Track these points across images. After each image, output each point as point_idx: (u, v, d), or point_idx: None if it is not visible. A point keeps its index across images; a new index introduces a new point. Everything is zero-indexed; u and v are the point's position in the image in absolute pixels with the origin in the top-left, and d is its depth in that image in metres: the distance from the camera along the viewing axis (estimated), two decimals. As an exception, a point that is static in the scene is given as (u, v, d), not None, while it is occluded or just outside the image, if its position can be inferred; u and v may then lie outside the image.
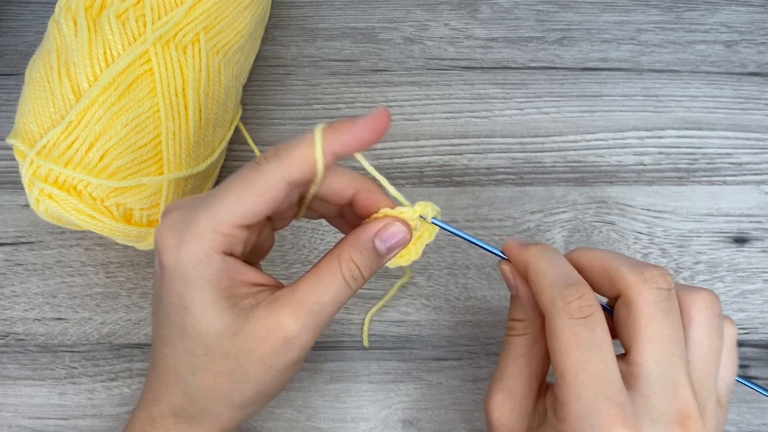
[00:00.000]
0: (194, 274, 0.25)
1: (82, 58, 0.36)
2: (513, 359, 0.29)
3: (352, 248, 0.27)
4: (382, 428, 0.39)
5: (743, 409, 0.39)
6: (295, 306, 0.26)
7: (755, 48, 0.51)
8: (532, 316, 0.29)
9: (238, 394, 0.27)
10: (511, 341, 0.29)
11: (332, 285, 0.26)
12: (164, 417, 0.28)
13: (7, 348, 0.41)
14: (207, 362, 0.26)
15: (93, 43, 0.36)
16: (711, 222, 0.44)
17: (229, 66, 0.41)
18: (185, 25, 0.38)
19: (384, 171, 0.46)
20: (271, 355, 0.26)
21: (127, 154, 0.36)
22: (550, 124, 0.48)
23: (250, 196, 0.25)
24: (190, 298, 0.25)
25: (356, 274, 0.27)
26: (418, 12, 0.52)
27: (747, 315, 0.42)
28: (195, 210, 0.26)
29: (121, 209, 0.37)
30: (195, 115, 0.38)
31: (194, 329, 0.26)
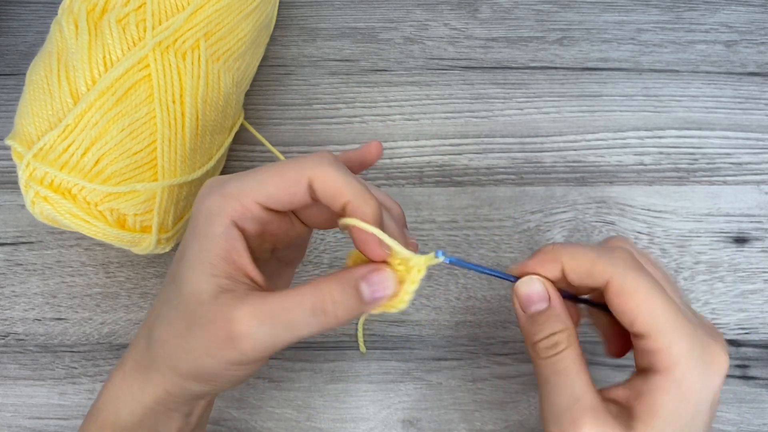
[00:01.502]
0: (201, 227, 0.26)
1: (82, 61, 0.36)
2: (576, 374, 0.27)
3: (335, 283, 0.26)
4: (382, 428, 0.39)
5: (743, 409, 0.39)
6: (254, 311, 0.25)
7: (755, 48, 0.51)
8: (568, 322, 0.28)
9: (180, 361, 0.27)
10: (562, 358, 0.27)
11: (298, 309, 0.25)
12: (128, 360, 0.29)
13: (7, 348, 0.41)
14: (173, 316, 0.27)
15: (93, 47, 0.36)
16: (711, 222, 0.44)
17: (230, 73, 0.41)
18: (185, 32, 0.38)
19: (384, 171, 0.46)
20: (212, 344, 0.25)
21: (122, 160, 0.36)
22: (550, 124, 0.48)
23: (276, 180, 0.27)
24: (189, 247, 0.27)
25: (328, 308, 0.26)
26: (418, 12, 0.52)
27: (747, 315, 0.42)
28: (232, 177, 0.28)
29: (115, 214, 0.37)
30: (192, 122, 0.38)
31: (179, 278, 0.27)
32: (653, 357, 0.26)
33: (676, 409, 0.26)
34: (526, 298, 0.29)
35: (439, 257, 0.26)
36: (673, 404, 0.26)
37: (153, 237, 0.38)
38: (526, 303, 0.29)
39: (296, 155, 0.47)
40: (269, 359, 0.40)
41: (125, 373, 0.29)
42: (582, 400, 0.26)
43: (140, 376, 0.28)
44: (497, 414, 0.39)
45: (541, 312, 0.28)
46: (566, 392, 0.27)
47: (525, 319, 0.29)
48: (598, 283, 0.27)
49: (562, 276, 0.29)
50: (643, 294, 0.27)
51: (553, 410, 0.27)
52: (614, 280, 0.27)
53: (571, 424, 0.26)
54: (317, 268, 0.43)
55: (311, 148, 0.47)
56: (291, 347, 0.41)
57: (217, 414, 0.39)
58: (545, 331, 0.28)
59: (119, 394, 0.29)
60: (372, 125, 0.48)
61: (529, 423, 0.39)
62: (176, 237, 0.41)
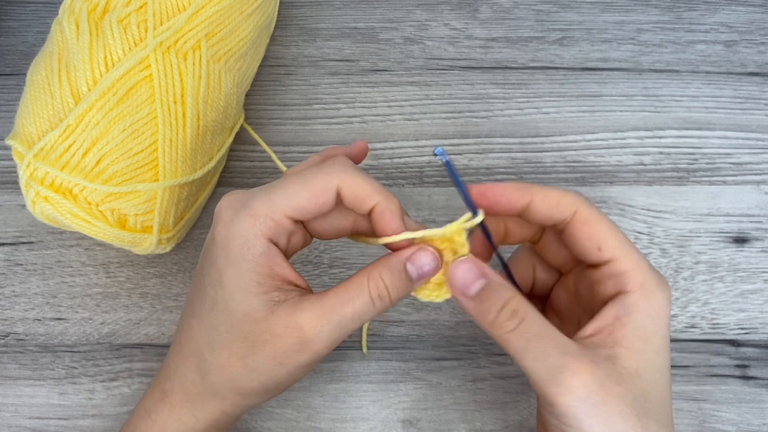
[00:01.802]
0: (237, 251, 0.27)
1: (83, 62, 0.36)
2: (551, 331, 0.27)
3: (384, 268, 0.28)
4: (382, 428, 0.39)
5: (743, 409, 0.39)
6: (317, 312, 0.27)
7: (755, 48, 0.51)
8: (514, 289, 0.28)
9: (246, 380, 0.28)
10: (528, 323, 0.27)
11: (357, 300, 0.27)
12: (174, 392, 0.29)
13: (7, 348, 0.41)
14: (226, 340, 0.27)
15: (94, 47, 0.36)
16: (711, 222, 0.44)
17: (231, 73, 0.41)
18: (187, 32, 0.38)
19: (384, 171, 0.46)
20: (284, 353, 0.27)
21: (123, 160, 0.36)
22: (550, 124, 0.48)
23: (306, 191, 0.27)
24: (228, 273, 0.27)
25: (383, 293, 0.28)
26: (418, 12, 0.52)
27: (747, 315, 0.42)
28: (254, 193, 0.28)
29: (116, 214, 0.37)
30: (193, 122, 0.38)
31: (224, 304, 0.27)
32: (623, 278, 0.28)
33: (653, 325, 0.27)
34: (462, 282, 0.28)
35: (437, 155, 0.29)
36: (650, 320, 0.27)
37: (154, 237, 0.38)
38: (465, 287, 0.28)
39: (296, 155, 0.47)
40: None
41: (173, 404, 0.29)
42: (570, 351, 0.26)
43: (193, 405, 0.29)
44: (497, 414, 0.39)
45: (483, 288, 0.28)
46: (551, 350, 0.26)
47: (471, 304, 0.28)
48: (565, 214, 0.29)
49: (524, 207, 0.29)
50: (607, 223, 0.29)
51: (544, 374, 0.26)
52: (581, 210, 0.29)
53: (571, 375, 0.25)
54: (317, 268, 0.43)
55: (311, 148, 0.47)
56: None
57: (217, 414, 0.39)
58: (497, 303, 0.27)
59: (167, 424, 0.29)
60: (372, 125, 0.48)
61: (529, 423, 0.39)
62: (177, 237, 0.41)
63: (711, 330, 0.41)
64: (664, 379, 0.27)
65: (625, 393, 0.26)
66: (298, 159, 0.47)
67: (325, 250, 0.43)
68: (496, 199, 0.29)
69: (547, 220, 0.29)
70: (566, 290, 0.33)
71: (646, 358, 0.27)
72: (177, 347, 0.30)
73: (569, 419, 0.25)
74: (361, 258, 0.43)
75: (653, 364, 0.27)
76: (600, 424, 0.25)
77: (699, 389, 0.40)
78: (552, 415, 0.26)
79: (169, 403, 0.29)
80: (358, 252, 0.43)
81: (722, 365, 0.40)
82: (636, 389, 0.26)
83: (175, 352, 0.30)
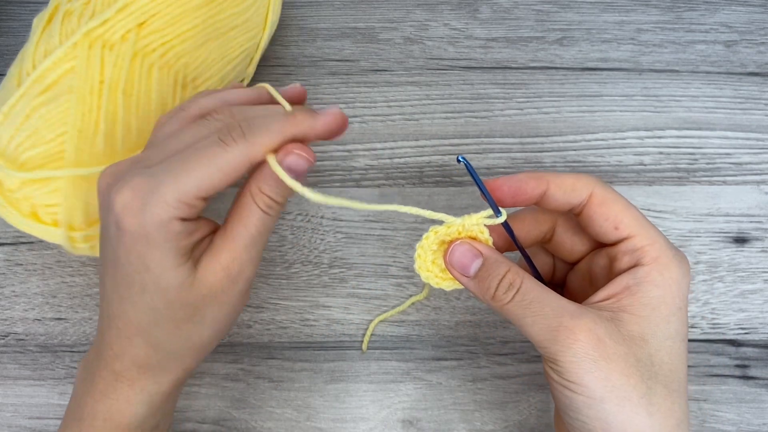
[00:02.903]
0: (157, 237, 0.27)
1: (29, 53, 0.37)
2: (547, 295, 0.28)
3: (261, 181, 0.28)
4: (382, 428, 0.39)
5: (743, 409, 0.39)
6: (229, 245, 0.28)
7: (755, 48, 0.51)
8: (510, 263, 0.29)
9: (198, 335, 0.29)
10: (524, 291, 0.28)
11: (253, 218, 0.28)
12: (128, 370, 0.29)
13: (7, 348, 0.41)
14: (168, 314, 0.28)
15: (40, 38, 0.37)
16: (711, 222, 0.44)
17: (168, 69, 0.39)
18: (116, 22, 0.37)
19: (384, 171, 0.46)
20: (223, 293, 0.29)
21: (36, 146, 0.36)
22: (550, 124, 0.48)
23: (215, 172, 0.27)
24: (151, 256, 0.27)
25: (269, 202, 0.28)
26: (418, 12, 0.52)
27: (747, 315, 0.42)
28: (160, 179, 0.27)
29: (29, 204, 0.36)
30: (108, 114, 0.37)
31: (155, 286, 0.27)
32: (638, 253, 0.28)
33: (663, 296, 0.27)
34: (460, 264, 0.29)
35: (460, 161, 0.29)
36: (660, 291, 0.27)
37: (61, 231, 0.37)
38: (464, 268, 0.29)
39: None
40: (266, 359, 0.40)
41: (132, 379, 0.29)
42: (566, 310, 0.27)
43: (153, 373, 0.30)
44: (497, 414, 0.39)
45: (481, 267, 0.29)
46: (547, 313, 0.27)
47: (473, 284, 0.29)
48: (581, 197, 0.29)
49: (541, 195, 0.30)
50: (623, 202, 0.29)
51: (543, 335, 0.27)
52: (597, 191, 0.29)
53: (567, 332, 0.26)
54: (317, 267, 0.43)
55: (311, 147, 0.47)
56: (291, 347, 0.41)
57: (217, 414, 0.39)
58: (494, 280, 0.28)
59: (131, 397, 0.30)
60: (372, 125, 0.48)
61: (529, 423, 0.39)
62: (95, 239, 0.38)
63: (711, 330, 0.41)
64: (676, 348, 0.27)
65: (627, 353, 0.26)
66: (298, 159, 0.47)
67: (325, 250, 0.43)
68: (513, 190, 0.30)
69: (564, 206, 0.30)
70: (579, 275, 0.33)
71: (653, 325, 0.27)
72: (115, 331, 0.29)
73: (569, 374, 0.26)
74: (361, 258, 0.43)
75: (662, 331, 0.27)
76: (599, 378, 0.26)
77: (699, 389, 0.40)
78: (554, 372, 0.27)
79: (127, 379, 0.29)
80: (358, 252, 0.43)
81: (722, 365, 0.40)
82: (641, 352, 0.26)
83: (113, 336, 0.30)
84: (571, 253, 0.33)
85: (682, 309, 0.28)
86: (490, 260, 0.29)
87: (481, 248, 0.29)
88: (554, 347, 0.26)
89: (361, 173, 0.46)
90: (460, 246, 0.29)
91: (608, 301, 0.28)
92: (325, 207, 0.45)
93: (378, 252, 0.43)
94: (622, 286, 0.28)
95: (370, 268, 0.43)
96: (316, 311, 0.42)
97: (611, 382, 0.26)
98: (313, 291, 0.42)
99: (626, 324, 0.27)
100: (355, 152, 0.47)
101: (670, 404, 0.26)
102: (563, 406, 0.27)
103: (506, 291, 0.28)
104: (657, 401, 0.26)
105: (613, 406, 0.26)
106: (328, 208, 0.45)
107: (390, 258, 0.43)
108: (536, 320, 0.27)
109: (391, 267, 0.43)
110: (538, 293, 0.28)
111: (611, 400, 0.26)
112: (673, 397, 0.27)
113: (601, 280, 0.30)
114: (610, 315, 0.27)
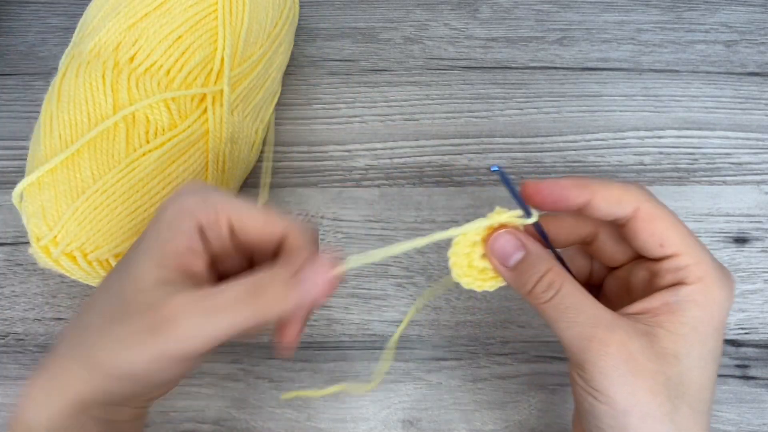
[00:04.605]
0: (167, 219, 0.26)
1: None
2: (584, 302, 0.27)
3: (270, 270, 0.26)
4: (382, 428, 0.39)
5: (743, 409, 0.39)
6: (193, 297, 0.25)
7: (755, 48, 0.51)
8: (553, 261, 0.28)
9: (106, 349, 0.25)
10: (563, 295, 0.27)
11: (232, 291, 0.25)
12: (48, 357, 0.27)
13: (7, 348, 0.41)
14: (105, 300, 0.26)
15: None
16: (711, 222, 0.44)
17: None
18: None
19: (384, 171, 0.46)
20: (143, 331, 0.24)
21: None
22: (550, 124, 0.48)
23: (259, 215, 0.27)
24: (146, 237, 0.27)
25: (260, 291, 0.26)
26: (418, 12, 0.52)
27: (747, 315, 0.42)
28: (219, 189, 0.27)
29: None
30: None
31: (125, 262, 0.27)
32: (684, 272, 0.27)
33: (702, 317, 0.27)
34: (502, 253, 0.29)
35: (494, 170, 0.28)
36: (700, 312, 0.27)
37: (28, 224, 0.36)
38: (504, 258, 0.29)
39: (296, 155, 0.47)
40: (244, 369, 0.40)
41: (47, 369, 0.26)
42: (602, 319, 0.26)
43: (60, 372, 0.26)
44: (497, 414, 0.39)
45: (522, 260, 0.28)
46: (582, 321, 0.26)
47: (510, 275, 0.29)
48: (626, 211, 0.28)
49: (584, 204, 0.28)
50: (671, 218, 0.28)
51: (575, 342, 0.26)
52: (644, 206, 0.28)
53: (600, 344, 0.26)
54: (317, 268, 0.43)
55: (311, 148, 0.47)
56: (291, 347, 0.41)
57: (217, 414, 0.39)
58: (533, 276, 0.28)
59: (36, 396, 0.26)
60: (372, 125, 0.48)
61: (529, 423, 0.39)
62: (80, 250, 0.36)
63: (711, 330, 0.41)
64: (708, 369, 0.27)
65: (657, 371, 0.26)
66: (298, 159, 0.47)
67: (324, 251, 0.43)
68: (554, 197, 0.28)
69: (607, 217, 0.29)
70: (618, 281, 0.32)
71: (689, 344, 0.26)
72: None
73: (596, 383, 0.26)
74: (361, 258, 0.43)
75: (697, 351, 0.26)
76: (625, 393, 0.25)
77: (699, 389, 0.40)
78: (581, 378, 0.27)
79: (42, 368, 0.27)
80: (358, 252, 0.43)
81: (722, 365, 0.40)
82: (671, 371, 0.26)
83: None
84: (612, 260, 0.32)
85: (720, 330, 0.27)
86: (532, 255, 0.28)
87: (525, 240, 0.29)
88: (584, 355, 0.26)
89: (361, 173, 0.46)
90: (504, 234, 0.28)
91: (646, 315, 0.27)
92: (325, 207, 0.45)
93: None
94: (663, 302, 0.27)
95: (370, 268, 0.43)
96: (316, 311, 0.42)
97: (637, 397, 0.25)
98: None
99: (661, 340, 0.26)
100: (355, 152, 0.47)
101: (693, 424, 0.26)
102: (584, 411, 0.27)
103: (545, 290, 0.27)
104: (680, 420, 0.26)
105: (636, 420, 0.25)
106: (328, 207, 0.45)
107: (390, 258, 0.43)
108: (570, 326, 0.26)
109: (391, 267, 0.43)
110: (577, 299, 0.27)
111: (634, 415, 0.25)
112: (696, 418, 0.26)
113: (640, 292, 0.29)
114: (645, 329, 0.27)
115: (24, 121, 0.47)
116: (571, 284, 0.27)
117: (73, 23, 0.41)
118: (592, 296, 0.27)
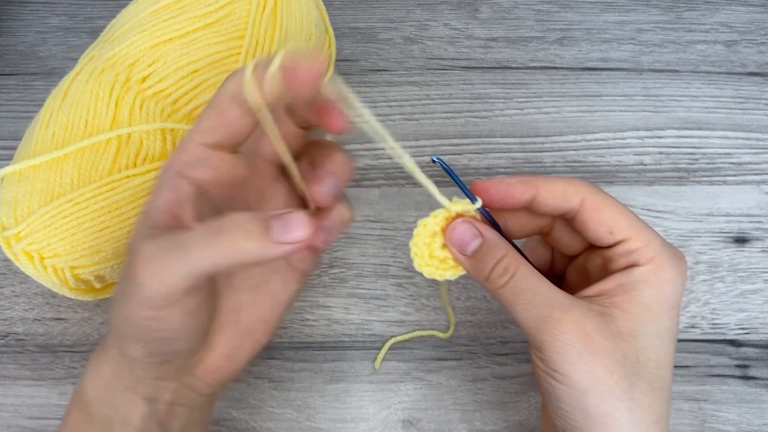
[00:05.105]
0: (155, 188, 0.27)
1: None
2: (539, 284, 0.28)
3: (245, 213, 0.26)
4: (382, 428, 0.39)
5: (743, 409, 0.39)
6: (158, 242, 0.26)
7: (755, 48, 0.51)
8: (508, 247, 0.29)
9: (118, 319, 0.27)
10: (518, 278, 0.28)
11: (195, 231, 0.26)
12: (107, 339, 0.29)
13: (7, 348, 0.41)
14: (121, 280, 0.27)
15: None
16: (711, 222, 0.44)
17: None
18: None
19: (384, 171, 0.46)
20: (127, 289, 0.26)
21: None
22: (550, 124, 0.48)
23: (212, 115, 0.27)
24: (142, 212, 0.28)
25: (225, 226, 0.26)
26: (418, 12, 0.52)
27: (747, 315, 0.42)
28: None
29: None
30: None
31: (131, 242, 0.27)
32: (635, 255, 0.28)
33: (655, 295, 0.28)
34: (460, 242, 0.29)
35: (435, 161, 0.30)
36: (653, 290, 0.28)
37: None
38: (462, 246, 0.29)
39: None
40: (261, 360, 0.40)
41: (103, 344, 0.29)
42: (557, 300, 0.27)
43: (102, 349, 0.29)
44: (497, 414, 0.39)
45: (479, 248, 0.29)
46: (538, 302, 0.27)
47: (469, 262, 0.29)
48: (572, 204, 0.29)
49: (530, 200, 0.30)
50: (616, 206, 0.29)
51: (532, 323, 0.27)
52: (589, 197, 0.29)
53: (556, 324, 0.26)
54: (317, 267, 0.43)
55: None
56: (291, 347, 0.41)
57: (217, 414, 0.39)
58: (489, 262, 0.29)
59: (89, 367, 0.29)
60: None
61: (529, 423, 0.39)
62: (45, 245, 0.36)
63: (711, 330, 0.41)
64: (664, 346, 0.28)
65: (613, 349, 0.26)
66: (298, 159, 0.47)
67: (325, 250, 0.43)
68: (501, 194, 0.30)
69: (555, 211, 0.30)
70: (577, 269, 0.33)
71: (644, 322, 0.27)
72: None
73: (554, 364, 0.27)
74: (361, 258, 0.43)
75: (652, 329, 0.27)
76: (582, 371, 0.26)
77: (699, 389, 0.40)
78: (540, 360, 0.27)
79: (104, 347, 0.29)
80: (358, 252, 0.43)
81: (722, 365, 0.40)
82: (628, 349, 0.27)
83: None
84: (569, 249, 0.33)
85: (675, 308, 0.28)
86: (489, 242, 0.29)
87: (482, 229, 0.29)
88: (541, 336, 0.27)
89: (361, 173, 0.46)
90: (462, 223, 0.29)
91: (601, 297, 0.28)
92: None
93: (378, 252, 0.43)
94: (617, 284, 0.28)
95: (370, 268, 0.43)
96: (316, 311, 0.42)
97: (594, 375, 0.26)
98: (313, 291, 0.42)
99: (616, 320, 0.27)
100: (355, 152, 0.47)
101: (652, 400, 0.27)
102: (546, 393, 0.28)
103: (501, 275, 0.28)
104: (638, 397, 0.26)
105: (595, 398, 0.26)
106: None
107: (390, 258, 0.43)
108: (526, 308, 0.27)
109: (391, 267, 0.43)
110: (532, 282, 0.28)
111: (593, 393, 0.26)
112: (655, 394, 0.27)
113: (596, 278, 0.30)
114: (601, 309, 0.27)
115: (24, 121, 0.47)
116: (526, 268, 0.28)
117: (74, 23, 0.41)
118: (550, 281, 0.28)
